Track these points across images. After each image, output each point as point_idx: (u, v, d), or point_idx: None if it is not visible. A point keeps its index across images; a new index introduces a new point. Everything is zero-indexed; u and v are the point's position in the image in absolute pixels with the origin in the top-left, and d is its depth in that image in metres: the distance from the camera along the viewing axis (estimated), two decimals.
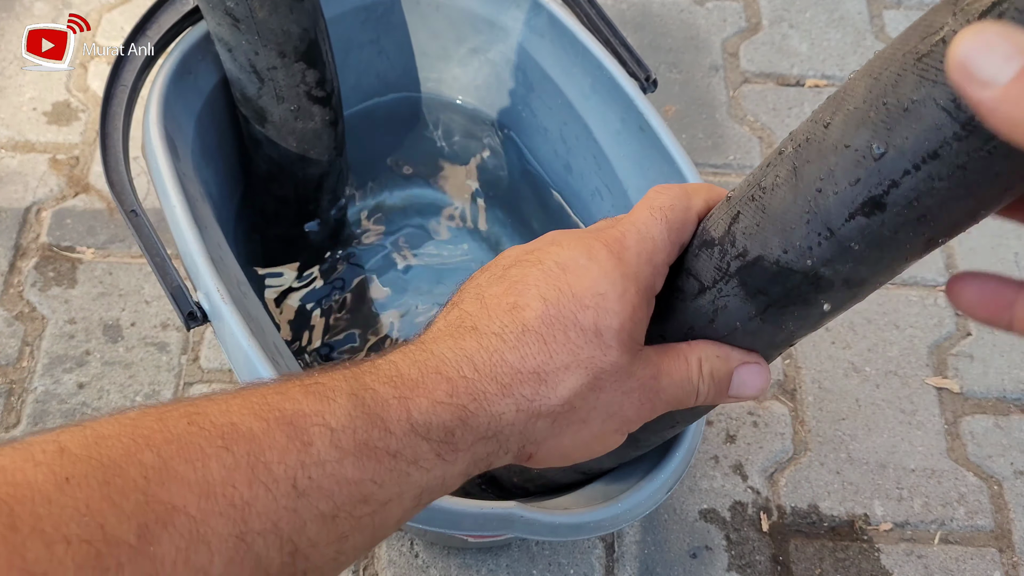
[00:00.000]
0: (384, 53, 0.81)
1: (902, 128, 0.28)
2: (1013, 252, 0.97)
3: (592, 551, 0.79)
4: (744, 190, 0.36)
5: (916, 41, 0.28)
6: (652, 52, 1.10)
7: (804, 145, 0.33)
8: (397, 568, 0.78)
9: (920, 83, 0.28)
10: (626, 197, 0.72)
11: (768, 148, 1.03)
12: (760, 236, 0.35)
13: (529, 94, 0.78)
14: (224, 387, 0.85)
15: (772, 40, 1.11)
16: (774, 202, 0.34)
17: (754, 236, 0.35)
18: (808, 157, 0.32)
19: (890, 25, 1.13)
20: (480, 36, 0.78)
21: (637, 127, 0.67)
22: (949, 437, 0.87)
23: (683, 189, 0.40)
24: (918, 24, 0.29)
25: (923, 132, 0.28)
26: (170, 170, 0.59)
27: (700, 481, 0.83)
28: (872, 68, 0.30)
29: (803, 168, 0.32)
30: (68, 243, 0.92)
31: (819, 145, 0.32)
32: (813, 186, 0.32)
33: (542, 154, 0.82)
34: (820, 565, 0.80)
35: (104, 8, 1.07)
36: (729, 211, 0.37)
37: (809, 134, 0.32)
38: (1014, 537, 0.82)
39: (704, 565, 0.79)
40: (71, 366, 0.85)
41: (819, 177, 0.32)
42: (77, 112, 1.00)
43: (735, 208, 0.37)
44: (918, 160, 0.28)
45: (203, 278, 0.55)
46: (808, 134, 0.33)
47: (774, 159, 0.35)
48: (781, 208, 0.34)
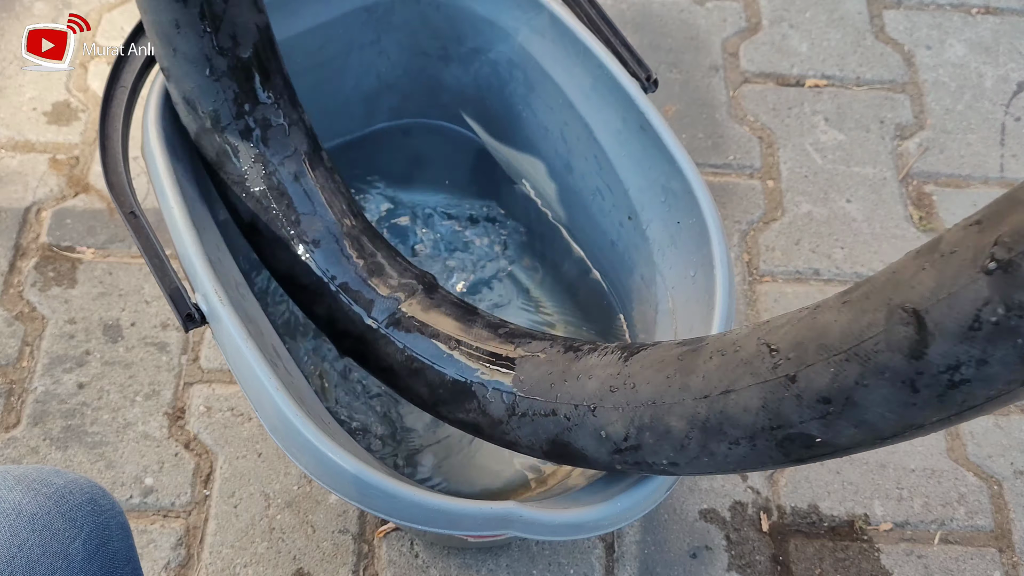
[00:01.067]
0: (384, 53, 0.81)
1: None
2: None
3: (592, 551, 0.79)
4: None
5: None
6: (652, 52, 1.10)
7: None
8: (397, 568, 0.78)
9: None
10: (627, 197, 0.72)
11: (768, 148, 1.03)
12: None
13: (530, 94, 0.78)
14: (224, 387, 0.85)
15: (772, 40, 1.11)
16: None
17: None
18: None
19: (890, 25, 1.13)
20: (481, 36, 0.78)
21: (638, 127, 0.67)
22: (949, 437, 0.87)
23: None
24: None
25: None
26: (169, 171, 0.59)
27: (700, 481, 0.83)
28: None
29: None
30: (68, 243, 0.92)
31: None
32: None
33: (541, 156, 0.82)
34: (820, 565, 0.80)
35: (104, 8, 1.07)
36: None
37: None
38: (1014, 537, 0.82)
39: (704, 565, 0.79)
40: (71, 366, 0.85)
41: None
42: (77, 112, 1.00)
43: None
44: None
45: (201, 280, 0.55)
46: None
47: None
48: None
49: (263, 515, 0.79)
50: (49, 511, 0.44)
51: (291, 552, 0.78)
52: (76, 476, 0.47)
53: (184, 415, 0.84)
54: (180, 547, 0.78)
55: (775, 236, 0.97)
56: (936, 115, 1.06)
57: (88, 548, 0.44)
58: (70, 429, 0.82)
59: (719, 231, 0.61)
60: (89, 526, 0.45)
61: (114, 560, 0.45)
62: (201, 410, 0.84)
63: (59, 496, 0.45)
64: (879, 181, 1.01)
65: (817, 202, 0.99)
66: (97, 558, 0.44)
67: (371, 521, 0.80)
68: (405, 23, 0.79)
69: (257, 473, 0.81)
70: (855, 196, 1.00)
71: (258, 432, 0.83)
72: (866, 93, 1.08)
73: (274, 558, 0.78)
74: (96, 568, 0.44)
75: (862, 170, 1.02)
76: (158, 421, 0.83)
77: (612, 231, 0.77)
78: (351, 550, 0.78)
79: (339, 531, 0.79)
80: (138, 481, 0.80)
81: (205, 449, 0.82)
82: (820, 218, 0.98)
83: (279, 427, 0.53)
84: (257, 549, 0.78)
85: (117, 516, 0.47)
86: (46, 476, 0.45)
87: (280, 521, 0.79)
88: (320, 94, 0.81)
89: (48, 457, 0.81)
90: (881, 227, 0.97)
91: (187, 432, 0.83)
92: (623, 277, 0.78)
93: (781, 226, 0.98)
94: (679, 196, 0.65)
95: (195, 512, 0.80)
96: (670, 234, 0.67)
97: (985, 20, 1.14)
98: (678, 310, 0.66)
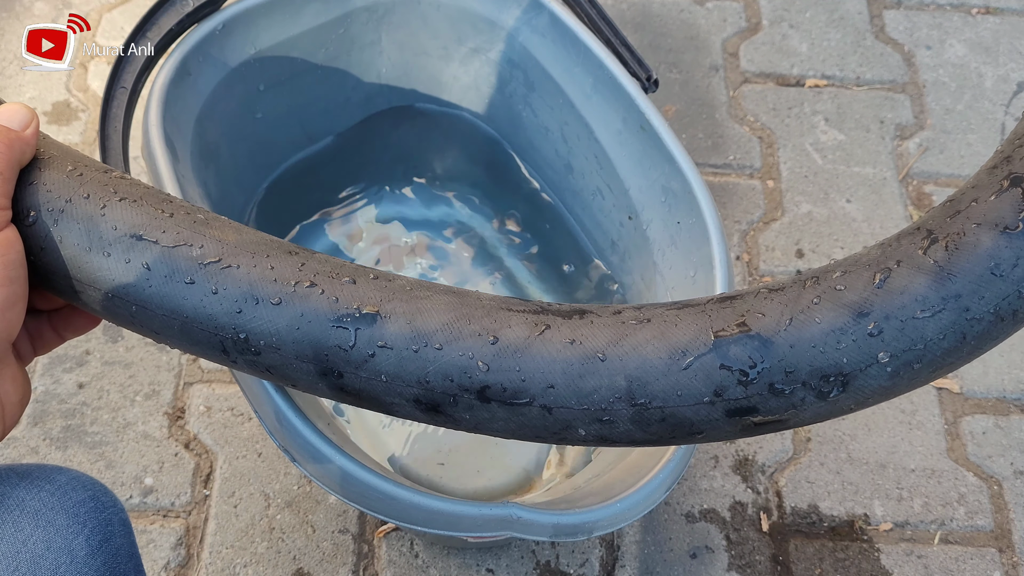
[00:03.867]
0: (385, 53, 0.81)
1: None
2: None
3: (592, 551, 0.79)
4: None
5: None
6: (652, 52, 1.10)
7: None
8: (397, 568, 0.78)
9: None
10: (627, 196, 0.72)
11: (768, 148, 1.03)
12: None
13: (530, 94, 0.78)
14: (224, 387, 0.85)
15: (772, 40, 1.11)
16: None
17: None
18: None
19: (890, 25, 1.13)
20: (481, 36, 0.78)
21: (638, 127, 0.67)
22: (949, 437, 0.87)
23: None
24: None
25: None
26: (169, 171, 0.59)
27: (700, 481, 0.83)
28: None
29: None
30: None
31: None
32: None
33: (542, 156, 0.82)
34: (820, 565, 0.80)
35: (104, 8, 1.07)
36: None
37: None
38: (1014, 537, 0.82)
39: (704, 565, 0.80)
40: (71, 366, 0.85)
41: None
42: (77, 112, 1.00)
43: None
44: None
45: None
46: None
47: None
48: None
49: (263, 515, 0.79)
50: (52, 507, 0.44)
51: (291, 552, 0.78)
52: (78, 473, 0.47)
53: (184, 415, 0.84)
54: (180, 547, 0.78)
55: (775, 236, 0.97)
56: (936, 115, 1.06)
57: (91, 544, 0.44)
58: (70, 429, 0.82)
59: (719, 231, 0.61)
60: (92, 522, 0.45)
61: (117, 556, 0.46)
62: (201, 410, 0.84)
63: (62, 492, 0.45)
64: (879, 181, 1.01)
65: (817, 202, 1.00)
66: (100, 554, 0.44)
67: (371, 521, 0.80)
68: (405, 23, 0.79)
69: (257, 473, 0.81)
70: (855, 196, 1.00)
71: (258, 432, 0.83)
72: (866, 93, 1.08)
73: (274, 558, 0.78)
74: (99, 563, 0.44)
75: (862, 170, 1.02)
76: (158, 421, 0.83)
77: (612, 231, 0.77)
78: (351, 550, 0.78)
79: (339, 531, 0.79)
80: (138, 481, 0.80)
81: (205, 449, 0.82)
82: (820, 218, 0.98)
83: (278, 428, 0.53)
84: (257, 549, 0.78)
85: (119, 512, 0.47)
86: (48, 473, 0.46)
87: (280, 521, 0.79)
88: (320, 94, 0.81)
89: (48, 457, 0.81)
90: (881, 227, 0.97)
91: (187, 432, 0.83)
92: (623, 277, 0.78)
93: (781, 226, 0.98)
94: (679, 196, 0.65)
95: (195, 512, 0.80)
96: (670, 234, 0.67)
97: (985, 20, 1.14)
98: None
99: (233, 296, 0.38)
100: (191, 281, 0.38)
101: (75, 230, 0.39)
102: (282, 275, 0.38)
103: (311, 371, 0.38)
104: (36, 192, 0.39)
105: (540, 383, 0.36)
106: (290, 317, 0.38)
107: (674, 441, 0.37)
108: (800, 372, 0.35)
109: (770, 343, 0.35)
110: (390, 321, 0.37)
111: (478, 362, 0.37)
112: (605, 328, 0.37)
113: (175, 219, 0.39)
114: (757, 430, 0.37)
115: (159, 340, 0.41)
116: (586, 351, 0.36)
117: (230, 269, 0.38)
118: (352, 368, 0.38)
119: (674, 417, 0.36)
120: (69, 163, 0.40)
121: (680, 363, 0.35)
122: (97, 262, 0.39)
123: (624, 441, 0.38)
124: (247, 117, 0.76)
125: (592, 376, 0.36)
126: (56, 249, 0.39)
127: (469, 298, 0.38)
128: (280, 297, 0.38)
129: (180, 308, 0.38)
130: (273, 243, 0.40)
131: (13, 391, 0.39)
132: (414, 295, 0.38)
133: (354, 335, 0.37)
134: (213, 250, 0.38)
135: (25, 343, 0.45)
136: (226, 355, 0.39)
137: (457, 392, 0.37)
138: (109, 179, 0.40)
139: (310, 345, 0.38)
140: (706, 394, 0.35)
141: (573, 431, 0.37)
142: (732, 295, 0.37)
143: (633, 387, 0.36)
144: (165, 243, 0.38)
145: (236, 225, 0.41)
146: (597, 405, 0.36)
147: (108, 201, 0.39)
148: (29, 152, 0.40)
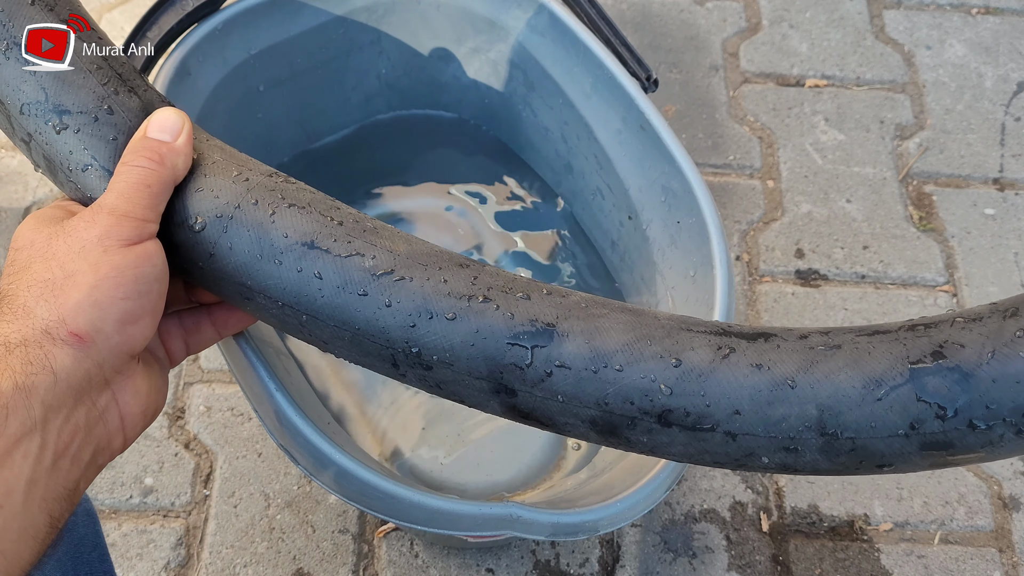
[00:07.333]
0: (385, 53, 0.81)
1: None
2: (1013, 252, 0.97)
3: (592, 551, 0.80)
4: None
5: None
6: (652, 52, 1.10)
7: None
8: (397, 568, 0.78)
9: None
10: (627, 196, 0.72)
11: (768, 148, 1.03)
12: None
13: (530, 94, 0.78)
14: (224, 387, 0.85)
15: (772, 40, 1.11)
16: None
17: None
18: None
19: (890, 25, 1.13)
20: (481, 36, 0.78)
21: (638, 127, 0.67)
22: None
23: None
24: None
25: None
26: None
27: (700, 481, 0.83)
28: None
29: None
30: None
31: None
32: None
33: (541, 156, 0.82)
34: (820, 565, 0.80)
35: (104, 8, 1.07)
36: None
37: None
38: (1014, 537, 0.82)
39: (704, 565, 0.80)
40: None
41: None
42: None
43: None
44: None
45: None
46: None
47: None
48: None
49: (263, 515, 0.79)
50: None
51: (291, 552, 0.78)
52: None
53: (184, 415, 0.84)
54: (180, 547, 0.78)
55: (775, 236, 0.97)
56: (936, 115, 1.06)
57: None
58: None
59: (719, 231, 0.61)
60: None
61: (80, 545, 0.46)
62: (201, 410, 0.84)
63: None
64: (879, 181, 1.01)
65: (817, 202, 1.00)
66: (63, 542, 0.45)
67: (371, 521, 0.80)
68: (405, 23, 0.79)
69: (257, 473, 0.81)
70: (855, 196, 1.00)
71: (258, 432, 0.83)
72: (866, 93, 1.08)
73: (274, 558, 0.78)
74: (61, 552, 0.45)
75: (862, 170, 1.02)
76: (158, 421, 0.83)
77: (612, 231, 0.77)
78: (351, 550, 0.78)
79: (339, 531, 0.79)
80: (138, 481, 0.81)
81: (205, 449, 0.82)
82: (820, 218, 0.98)
83: (278, 428, 0.53)
84: (257, 549, 0.78)
85: (84, 503, 0.48)
86: None
87: (280, 521, 0.79)
88: (320, 94, 0.81)
89: None
90: (881, 227, 0.97)
91: (187, 432, 0.83)
92: (623, 277, 0.78)
93: (781, 226, 0.98)
94: (679, 196, 0.65)
95: (195, 512, 0.80)
96: (670, 234, 0.67)
97: (985, 20, 1.14)
98: (678, 310, 0.66)
99: (407, 310, 0.37)
100: (364, 293, 0.37)
101: (245, 237, 0.38)
102: (455, 289, 0.37)
103: (484, 388, 0.38)
104: (204, 199, 0.38)
105: (726, 409, 0.35)
106: (465, 333, 0.37)
107: (858, 472, 0.36)
108: (1002, 408, 0.33)
109: (971, 377, 0.33)
110: (568, 340, 0.36)
111: (660, 385, 0.36)
112: (793, 353, 0.36)
113: (345, 227, 0.38)
114: (948, 464, 0.35)
115: (325, 349, 0.40)
116: (775, 377, 0.35)
117: (403, 282, 0.37)
118: (527, 387, 0.37)
119: (865, 449, 0.35)
120: (234, 167, 0.40)
121: (875, 394, 0.34)
122: (268, 270, 0.38)
123: (806, 470, 0.37)
124: (247, 117, 0.76)
125: (781, 404, 0.35)
126: (226, 256, 0.38)
127: (646, 316, 0.37)
128: (455, 312, 0.37)
129: (352, 320, 0.37)
130: (443, 255, 0.39)
131: (135, 402, 0.38)
132: (590, 312, 0.37)
133: (531, 353, 0.36)
134: (385, 261, 0.37)
135: (177, 341, 0.44)
136: (395, 368, 0.39)
137: (637, 415, 0.36)
138: (275, 183, 0.39)
139: (484, 362, 0.37)
140: (901, 427, 0.34)
141: (756, 458, 0.36)
142: (924, 322, 0.36)
143: (824, 416, 0.35)
144: (338, 252, 0.37)
145: (403, 235, 0.40)
146: (785, 433, 0.35)
147: (277, 207, 0.38)
148: (183, 163, 0.39)
